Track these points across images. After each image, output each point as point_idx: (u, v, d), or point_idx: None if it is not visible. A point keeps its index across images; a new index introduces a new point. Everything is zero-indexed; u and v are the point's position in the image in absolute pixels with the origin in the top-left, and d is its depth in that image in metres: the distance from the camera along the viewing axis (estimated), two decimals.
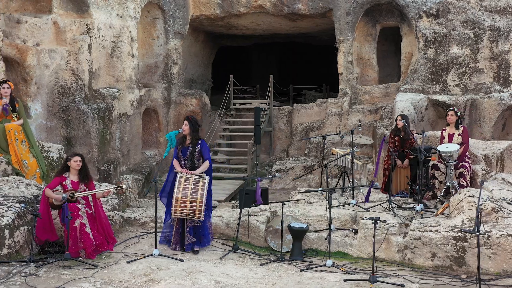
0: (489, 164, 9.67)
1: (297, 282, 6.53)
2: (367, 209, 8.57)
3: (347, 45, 16.73)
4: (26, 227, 7.07)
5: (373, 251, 6.69)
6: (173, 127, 17.29)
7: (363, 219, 7.74)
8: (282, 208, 7.73)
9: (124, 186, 7.66)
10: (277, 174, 9.57)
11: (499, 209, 7.64)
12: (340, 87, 16.89)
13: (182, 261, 6.99)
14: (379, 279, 6.70)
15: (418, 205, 8.43)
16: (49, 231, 7.25)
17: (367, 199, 8.68)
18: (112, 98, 14.22)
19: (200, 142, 7.54)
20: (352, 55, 16.84)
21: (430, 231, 7.50)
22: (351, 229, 8.14)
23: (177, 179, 7.28)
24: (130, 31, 15.20)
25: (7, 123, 8.72)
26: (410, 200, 9.02)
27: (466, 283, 6.95)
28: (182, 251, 7.47)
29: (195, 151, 7.51)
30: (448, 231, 7.43)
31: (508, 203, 8.03)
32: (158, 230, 7.91)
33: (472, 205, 7.70)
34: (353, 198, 9.03)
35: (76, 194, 7.34)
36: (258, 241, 8.18)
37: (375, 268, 6.65)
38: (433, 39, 15.42)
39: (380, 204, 8.71)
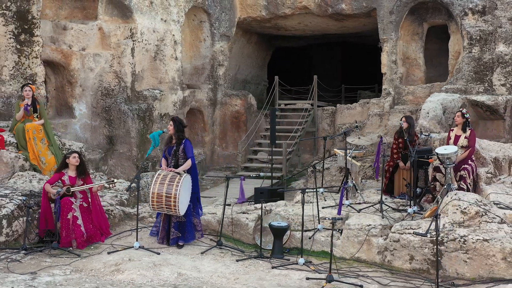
0: (499, 167, 9.33)
1: (258, 278, 6.75)
2: (359, 211, 8.59)
3: (391, 45, 16.50)
4: (25, 218, 7.75)
5: (331, 250, 6.78)
6: (219, 127, 17.88)
7: (325, 218, 7.80)
8: (262, 207, 7.95)
9: (115, 180, 8.21)
10: (261, 174, 9.73)
11: (483, 213, 7.43)
12: (383, 87, 16.70)
13: (159, 254, 7.39)
14: (342, 279, 6.78)
15: (411, 207, 8.36)
16: (48, 222, 7.91)
17: (339, 211, 8.49)
18: (153, 99, 14.95)
19: (183, 141, 7.92)
20: (396, 55, 16.58)
21: (409, 233, 7.44)
22: (338, 230, 8.20)
23: (155, 176, 7.72)
24: (173, 35, 15.87)
25: (28, 122, 9.53)
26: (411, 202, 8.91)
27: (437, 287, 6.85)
28: (168, 245, 7.89)
29: (178, 150, 7.91)
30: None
31: (500, 208, 7.78)
32: (150, 224, 8.43)
33: (457, 208, 7.55)
34: (347, 199, 9.06)
35: (72, 188, 7.96)
36: (247, 238, 8.44)
37: (333, 267, 6.74)
38: (478, 37, 14.87)
39: (372, 206, 8.69)
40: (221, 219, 8.20)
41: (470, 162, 8.87)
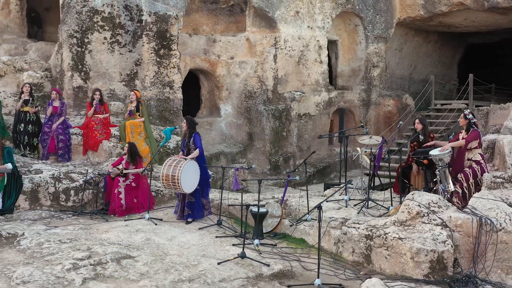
0: None
1: (200, 249, 7.98)
2: (347, 206, 8.99)
3: None
4: (91, 191, 10.36)
5: (244, 233, 7.61)
6: (373, 127, 18.40)
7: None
8: (242, 196, 9.02)
9: (149, 168, 10.24)
10: (253, 166, 10.39)
11: (424, 215, 7.29)
12: None
13: (156, 224, 9.13)
14: (257, 258, 7.57)
15: (392, 205, 8.46)
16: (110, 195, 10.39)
17: (282, 200, 8.97)
18: (291, 100, 16.47)
19: (193, 135, 9.50)
20: None
21: (354, 227, 7.75)
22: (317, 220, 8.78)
23: (166, 161, 9.44)
24: (318, 40, 17.11)
25: (131, 120, 12.18)
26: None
27: (353, 278, 7.15)
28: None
29: (190, 142, 9.53)
30: (363, 229, 7.57)
31: (466, 213, 7.40)
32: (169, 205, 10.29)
33: (406, 208, 7.56)
34: (346, 195, 9.38)
35: (124, 171, 10.29)
36: (252, 222, 9.57)
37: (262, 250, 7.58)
38: None
39: (362, 202, 8.94)
40: (220, 202, 9.54)
41: (474, 166, 8.40)
